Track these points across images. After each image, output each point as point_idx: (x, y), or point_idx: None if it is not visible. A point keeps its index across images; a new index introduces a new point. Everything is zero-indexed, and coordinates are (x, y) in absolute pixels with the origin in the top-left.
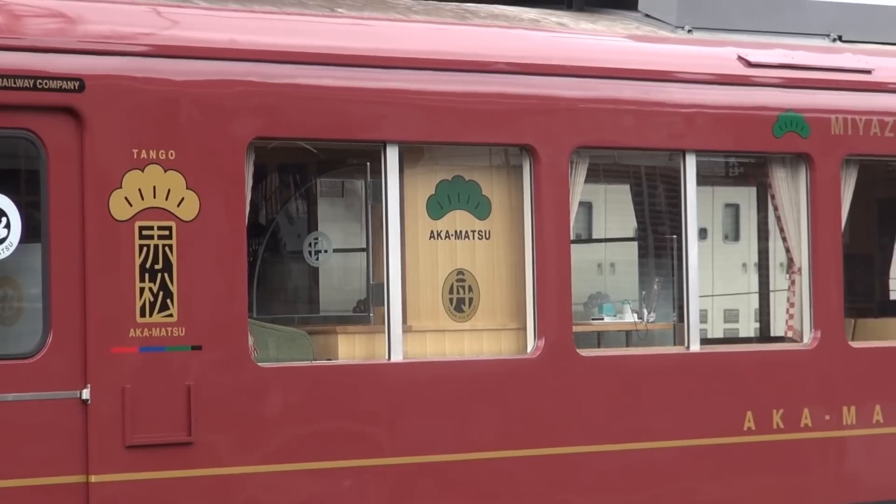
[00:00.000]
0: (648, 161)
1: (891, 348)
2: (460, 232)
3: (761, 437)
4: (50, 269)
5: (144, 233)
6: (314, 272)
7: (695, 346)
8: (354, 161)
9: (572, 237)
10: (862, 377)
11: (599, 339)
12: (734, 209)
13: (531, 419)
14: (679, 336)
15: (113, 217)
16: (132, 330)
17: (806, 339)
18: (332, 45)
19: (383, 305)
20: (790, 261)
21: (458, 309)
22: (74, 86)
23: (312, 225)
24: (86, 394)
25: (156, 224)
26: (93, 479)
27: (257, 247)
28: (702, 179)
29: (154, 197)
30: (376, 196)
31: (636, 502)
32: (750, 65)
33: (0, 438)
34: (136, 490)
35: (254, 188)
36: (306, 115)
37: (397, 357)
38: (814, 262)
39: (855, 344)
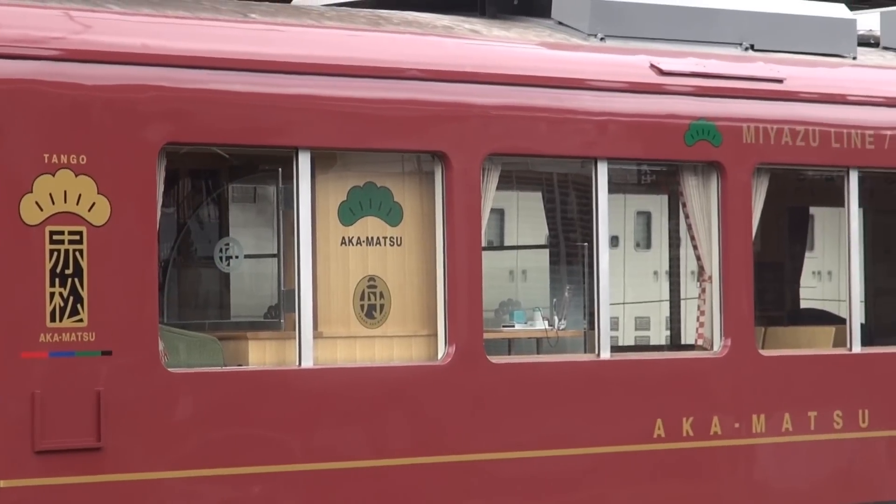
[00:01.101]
0: (561, 168)
1: (800, 357)
2: (372, 238)
3: (671, 444)
4: None
5: (55, 237)
6: (225, 278)
7: (605, 354)
8: (266, 167)
9: (484, 244)
10: (772, 386)
11: (510, 346)
12: (646, 217)
13: (442, 426)
14: (590, 343)
15: (23, 221)
16: (42, 335)
17: (716, 348)
18: (244, 50)
19: (294, 311)
20: (701, 269)
21: (370, 315)
22: None
23: (224, 230)
24: None
25: (66, 229)
26: (1, 483)
27: (168, 252)
28: (614, 187)
29: (65, 202)
30: (288, 202)
31: None
32: (662, 73)
33: None
34: (44, 496)
35: (165, 193)
36: (218, 120)
37: (308, 363)
38: (724, 270)
39: (765, 352)
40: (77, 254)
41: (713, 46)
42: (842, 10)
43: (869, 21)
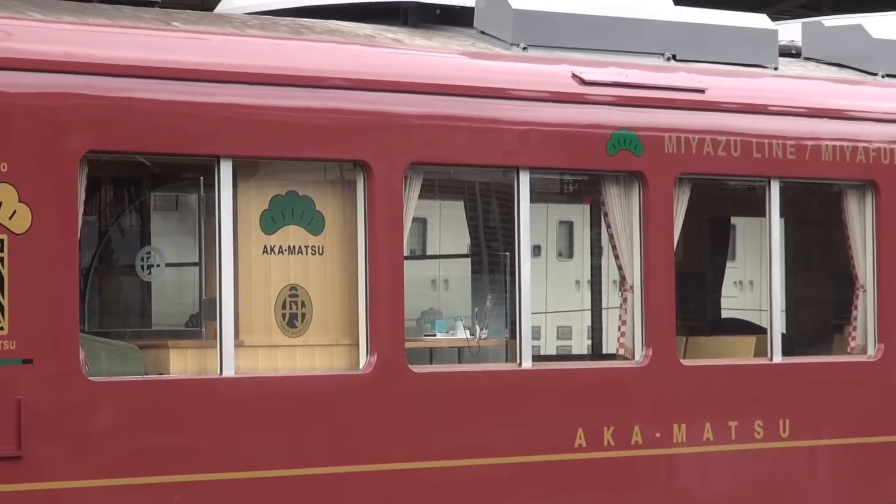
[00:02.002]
0: (483, 177)
1: (721, 366)
2: (293, 247)
3: (592, 454)
4: None
5: None
6: (147, 286)
7: (527, 363)
8: (188, 175)
9: (406, 253)
10: (693, 395)
11: (432, 355)
12: (568, 226)
13: (363, 435)
14: (511, 353)
15: None
16: None
17: (637, 357)
18: (167, 58)
19: (216, 320)
20: (622, 278)
21: (291, 324)
22: None
23: (146, 239)
24: None
25: None
26: None
27: (90, 260)
28: (536, 196)
29: None
30: (209, 210)
31: None
32: (584, 83)
33: None
34: None
35: (87, 201)
36: (141, 128)
37: (229, 372)
38: (646, 279)
39: (686, 362)
40: None
41: (635, 56)
42: (763, 21)
43: (790, 32)
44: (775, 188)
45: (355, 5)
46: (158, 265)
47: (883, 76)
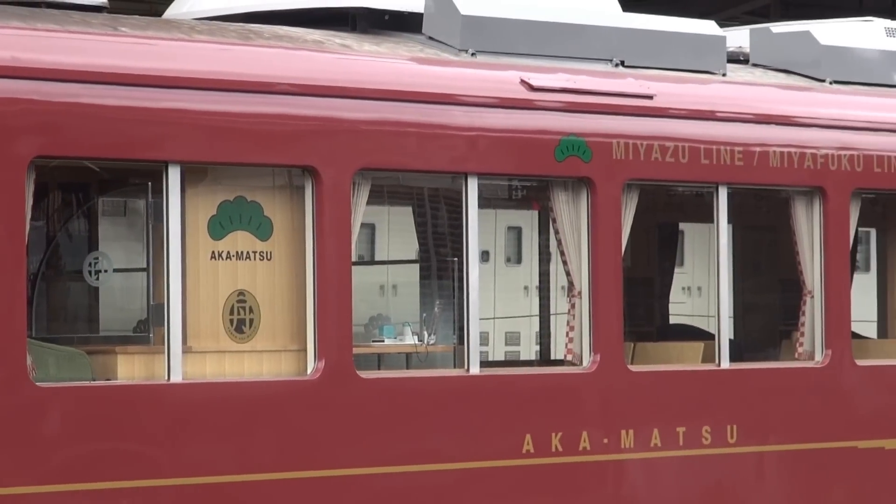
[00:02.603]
0: (431, 183)
1: (669, 372)
2: (241, 253)
3: (540, 459)
4: None
5: None
6: (94, 291)
7: (475, 369)
8: (136, 180)
9: (354, 259)
10: (640, 401)
11: (380, 361)
12: (517, 232)
13: (311, 441)
14: (459, 358)
15: None
16: None
17: (585, 363)
18: (115, 63)
19: (163, 326)
20: (570, 284)
21: (239, 330)
22: None
23: (94, 244)
24: None
25: None
26: None
27: (37, 266)
28: (484, 202)
29: None
30: (158, 216)
31: None
32: (532, 89)
33: None
34: None
35: (35, 207)
36: (88, 133)
37: (177, 378)
38: (594, 285)
39: (634, 368)
40: None
41: (584, 62)
42: (712, 27)
43: (738, 38)
44: (723, 194)
45: (304, 11)
46: (106, 270)
47: (831, 83)
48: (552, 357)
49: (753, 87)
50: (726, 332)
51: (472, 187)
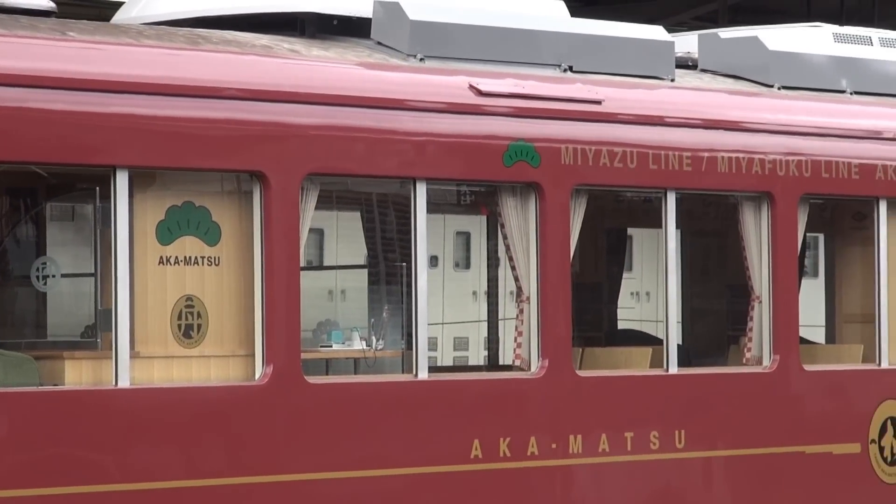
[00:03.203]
0: (380, 188)
1: (617, 377)
2: (190, 258)
3: (488, 465)
4: None
5: None
6: (42, 297)
7: (423, 374)
8: (84, 185)
9: (303, 264)
10: (588, 406)
11: (328, 366)
12: (465, 237)
13: (260, 446)
14: (407, 364)
15: None
16: None
17: (534, 368)
18: (63, 68)
19: (111, 331)
20: (519, 289)
21: (187, 335)
22: None
23: (41, 249)
24: None
25: None
26: None
27: None
28: (433, 207)
29: None
30: (105, 221)
31: None
32: (481, 94)
33: None
34: None
35: None
36: (36, 138)
37: (124, 383)
38: (542, 291)
39: (582, 373)
40: None
41: (532, 68)
42: (660, 33)
43: (687, 43)
44: (671, 199)
45: (252, 16)
46: (54, 275)
47: (779, 88)
48: (501, 362)
49: (702, 93)
50: (674, 338)
51: (421, 192)
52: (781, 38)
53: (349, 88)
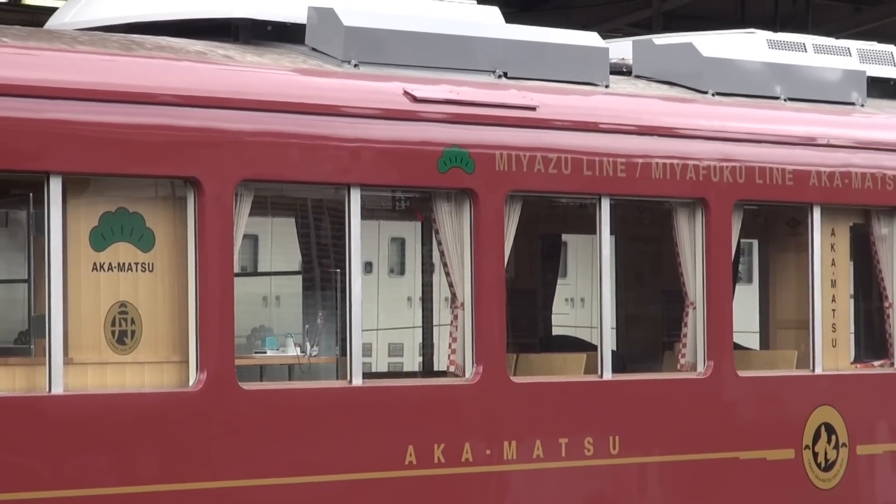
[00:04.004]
0: (314, 194)
1: (552, 384)
2: (123, 264)
3: (422, 471)
4: None
5: None
6: None
7: (357, 381)
8: (17, 191)
9: (237, 270)
10: (523, 412)
11: (262, 372)
12: (400, 243)
13: (194, 453)
14: (342, 370)
15: None
16: None
17: (468, 374)
18: None
19: (44, 337)
20: (453, 295)
21: (121, 342)
22: None
23: None
24: None
25: None
26: None
27: None
28: (367, 213)
29: None
30: (39, 227)
31: None
32: (416, 100)
33: None
34: None
35: None
36: None
37: (58, 390)
38: (476, 297)
39: (517, 379)
40: None
41: (467, 74)
42: (594, 39)
43: (621, 50)
44: (606, 205)
45: (186, 21)
46: None
47: (713, 94)
48: (435, 368)
49: (636, 99)
50: (609, 344)
51: (355, 198)
52: (715, 44)
53: (283, 95)
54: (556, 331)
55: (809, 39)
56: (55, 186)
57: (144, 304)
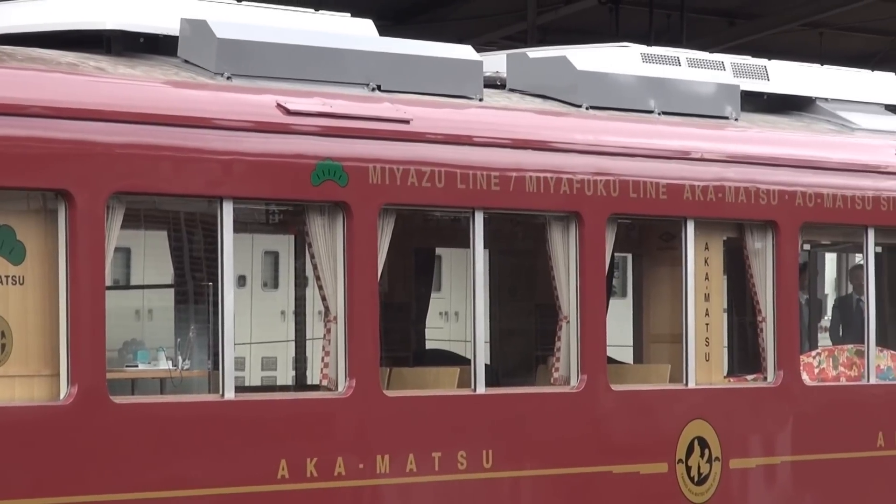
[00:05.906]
0: (187, 207)
1: (425, 398)
2: None
3: (295, 485)
4: None
5: None
6: None
7: (230, 394)
8: None
9: (108, 283)
10: (396, 426)
11: (134, 386)
12: (273, 257)
13: (64, 467)
14: (214, 384)
15: None
16: None
17: (341, 388)
18: None
19: None
20: (326, 309)
21: None
22: None
23: None
24: None
25: None
26: None
27: None
28: (240, 226)
29: None
30: None
31: None
32: (289, 113)
33: None
34: None
35: None
36: None
37: None
38: (350, 310)
39: (390, 393)
40: None
41: (340, 87)
42: (468, 52)
43: (496, 63)
44: (479, 219)
45: (58, 33)
46: None
47: (587, 108)
48: (308, 382)
49: (510, 112)
50: (482, 358)
51: (228, 211)
52: (589, 58)
53: (155, 107)
54: (429, 345)
55: (683, 53)
56: None
57: (15, 318)
